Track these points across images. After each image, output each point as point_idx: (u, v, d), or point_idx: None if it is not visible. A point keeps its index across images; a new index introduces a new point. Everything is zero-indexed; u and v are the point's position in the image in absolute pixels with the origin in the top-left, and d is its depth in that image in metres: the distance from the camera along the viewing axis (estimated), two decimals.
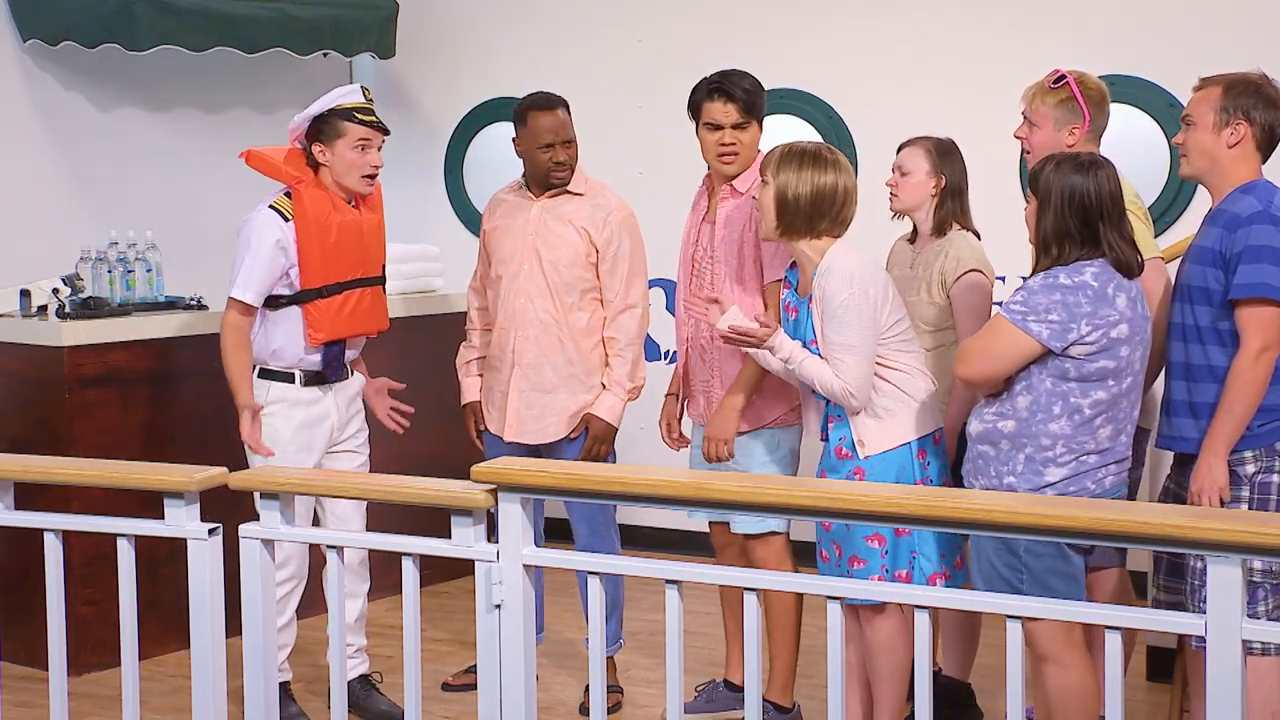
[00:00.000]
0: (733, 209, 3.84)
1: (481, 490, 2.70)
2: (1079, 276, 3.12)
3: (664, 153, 5.53)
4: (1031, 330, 3.10)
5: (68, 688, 3.02)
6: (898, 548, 3.40)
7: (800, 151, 3.44)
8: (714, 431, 3.75)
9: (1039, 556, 3.14)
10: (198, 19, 5.32)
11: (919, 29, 5.42)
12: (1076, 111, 3.57)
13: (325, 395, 4.02)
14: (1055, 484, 3.14)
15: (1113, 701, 2.40)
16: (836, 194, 3.41)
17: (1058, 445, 3.14)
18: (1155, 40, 5.07)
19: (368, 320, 4.06)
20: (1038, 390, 3.14)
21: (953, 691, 3.92)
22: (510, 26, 6.14)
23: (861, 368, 3.36)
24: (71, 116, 5.43)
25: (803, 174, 3.39)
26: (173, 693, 4.23)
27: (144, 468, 3.05)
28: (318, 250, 3.91)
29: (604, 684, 2.74)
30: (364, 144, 3.93)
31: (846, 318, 3.35)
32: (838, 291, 3.36)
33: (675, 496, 2.77)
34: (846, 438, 3.45)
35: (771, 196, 3.42)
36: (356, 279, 4.01)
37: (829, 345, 3.37)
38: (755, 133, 3.83)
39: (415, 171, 6.35)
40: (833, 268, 3.39)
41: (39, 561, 3.00)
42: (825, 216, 3.41)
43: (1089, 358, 3.11)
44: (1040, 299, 3.11)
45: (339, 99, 3.95)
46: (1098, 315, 3.10)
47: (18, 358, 4.53)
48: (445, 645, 4.69)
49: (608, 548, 4.11)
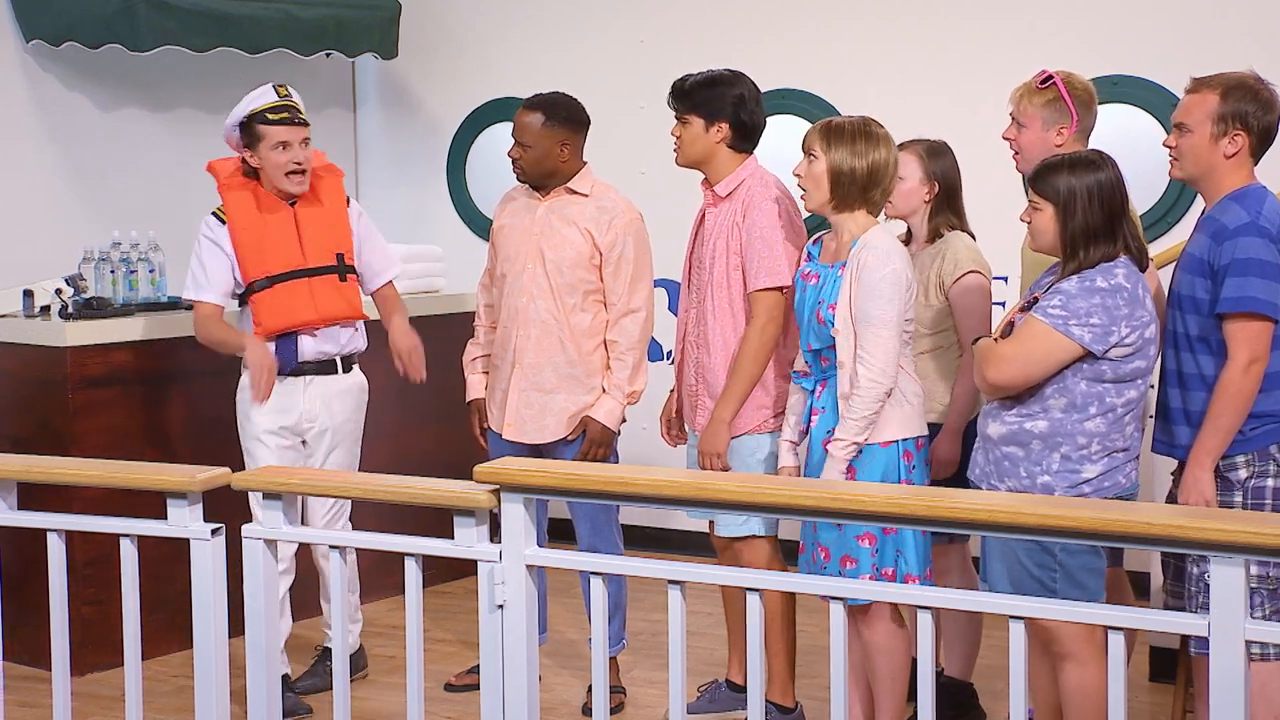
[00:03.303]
0: (717, 215, 3.86)
1: (484, 491, 2.70)
2: (1113, 279, 3.11)
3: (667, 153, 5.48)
4: (1073, 334, 3.09)
5: (70, 688, 3.02)
6: (885, 546, 3.41)
7: (852, 129, 3.44)
8: (705, 446, 3.78)
9: (1075, 554, 3.14)
10: (200, 19, 5.32)
11: (919, 29, 5.42)
12: (1064, 111, 3.57)
13: (296, 387, 4.11)
14: (1091, 480, 3.14)
15: (1115, 702, 2.40)
16: (889, 167, 3.45)
17: (1093, 444, 3.14)
18: (1156, 40, 5.06)
19: (316, 309, 4.10)
20: (1072, 392, 3.13)
21: (955, 692, 3.91)
22: (513, 27, 6.14)
23: (890, 344, 3.37)
24: (74, 116, 5.43)
25: (856, 148, 3.41)
26: (175, 693, 4.23)
27: (147, 468, 3.06)
28: (249, 246, 4.07)
29: (607, 684, 2.74)
30: (282, 144, 4.03)
31: (884, 289, 3.36)
32: (880, 265, 3.37)
33: (677, 497, 2.77)
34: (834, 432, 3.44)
35: (824, 171, 3.43)
36: (295, 270, 4.08)
37: (861, 319, 3.37)
38: (694, 129, 3.83)
39: (418, 171, 6.35)
40: (875, 243, 3.41)
41: (41, 561, 3.00)
42: (878, 188, 3.45)
43: (1125, 359, 3.12)
44: (1080, 303, 3.09)
45: (251, 104, 4.08)
46: (1134, 317, 3.10)
47: (21, 358, 4.53)
48: (447, 645, 4.69)
49: (610, 548, 4.12)
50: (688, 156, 3.88)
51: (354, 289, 4.17)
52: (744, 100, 3.84)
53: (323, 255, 4.11)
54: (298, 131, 4.05)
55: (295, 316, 4.10)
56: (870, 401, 3.36)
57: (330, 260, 4.12)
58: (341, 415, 4.19)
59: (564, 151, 4.07)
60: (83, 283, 4.65)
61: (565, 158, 4.08)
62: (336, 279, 4.13)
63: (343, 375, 4.19)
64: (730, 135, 3.83)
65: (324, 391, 4.15)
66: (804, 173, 3.48)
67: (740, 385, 3.75)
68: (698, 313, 3.88)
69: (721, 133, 3.82)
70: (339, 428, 4.18)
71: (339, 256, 4.12)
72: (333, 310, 4.12)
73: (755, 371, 3.74)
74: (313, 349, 4.13)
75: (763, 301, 3.74)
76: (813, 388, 3.53)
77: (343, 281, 4.14)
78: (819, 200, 3.47)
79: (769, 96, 3.99)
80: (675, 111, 3.87)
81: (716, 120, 3.82)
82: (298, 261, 4.09)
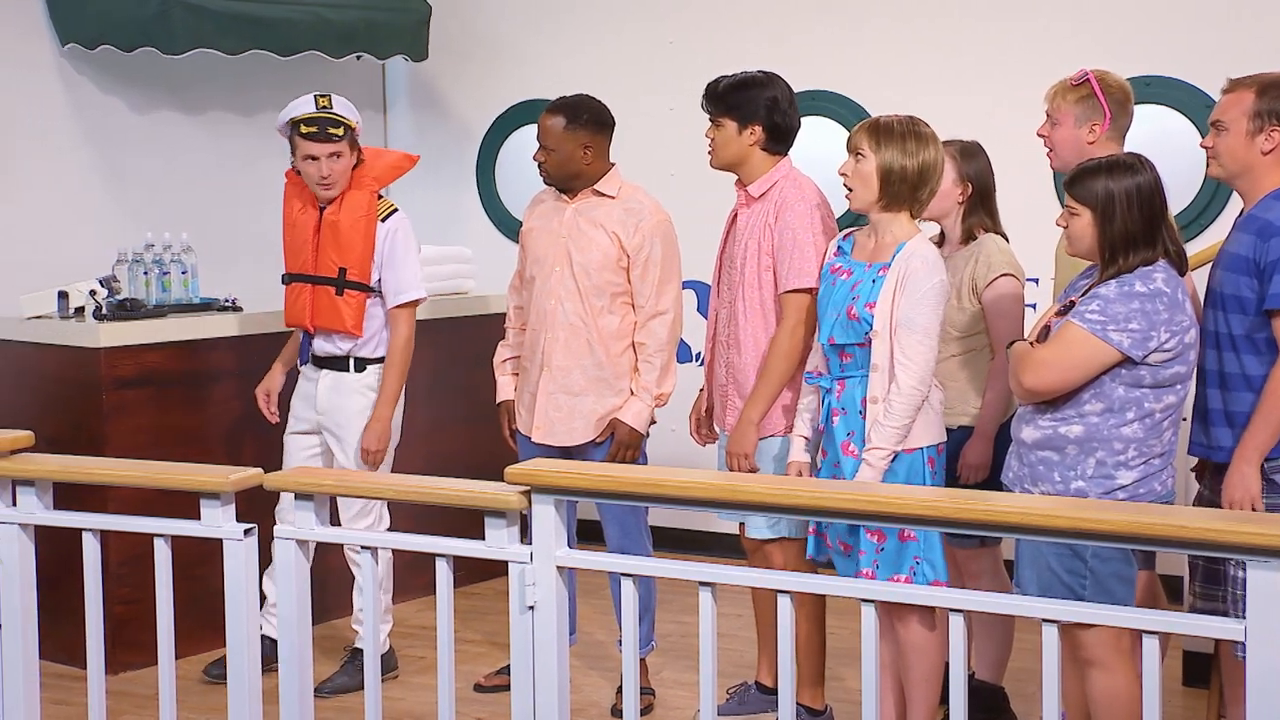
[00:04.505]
0: (749, 215, 3.84)
1: (515, 492, 2.71)
2: (1152, 284, 3.08)
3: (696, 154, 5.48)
4: (1112, 340, 3.07)
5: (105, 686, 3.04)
6: (901, 551, 3.38)
7: (901, 128, 3.41)
8: (734, 447, 3.77)
9: (1106, 560, 3.11)
10: (233, 22, 5.36)
11: (950, 30, 5.40)
12: (1097, 108, 3.55)
13: (315, 376, 4.29)
14: (1127, 486, 3.12)
15: (1150, 707, 2.38)
16: (938, 167, 3.43)
17: (1130, 449, 3.11)
18: (1190, 40, 5.03)
19: (311, 315, 4.23)
20: (1110, 397, 3.11)
21: (986, 695, 3.89)
22: (542, 29, 6.15)
23: (931, 353, 3.36)
24: (108, 119, 5.47)
25: (906, 147, 3.38)
26: (208, 692, 4.25)
27: (181, 468, 3.07)
28: (285, 242, 4.33)
29: (637, 686, 2.73)
30: (310, 157, 4.15)
31: (930, 299, 3.35)
32: (929, 275, 3.36)
33: (708, 499, 2.77)
34: (857, 434, 3.43)
35: (874, 170, 3.40)
36: (304, 274, 4.24)
37: (906, 325, 3.35)
38: (728, 131, 3.81)
39: (448, 173, 6.37)
40: (923, 252, 3.39)
41: (76, 561, 3.02)
42: (926, 187, 3.42)
43: (1164, 364, 3.09)
44: (1119, 308, 3.07)
45: (291, 112, 4.17)
46: (1174, 322, 3.08)
47: (55, 359, 4.57)
48: (476, 646, 4.70)
49: (639, 550, 4.11)
50: (722, 159, 3.87)
51: (352, 304, 4.20)
52: (777, 102, 3.83)
53: (327, 266, 4.21)
54: (325, 147, 4.12)
55: (295, 316, 4.30)
56: (910, 409, 3.34)
57: (332, 272, 4.20)
58: (345, 409, 4.25)
59: (587, 154, 4.07)
60: (116, 284, 4.68)
61: (589, 160, 4.08)
62: (334, 291, 4.20)
63: (354, 374, 4.26)
64: (764, 138, 3.82)
65: (333, 384, 4.27)
66: (851, 172, 3.44)
67: (770, 386, 3.74)
68: (729, 312, 3.88)
69: (755, 135, 3.81)
70: (345, 422, 4.25)
71: (341, 271, 4.18)
72: (323, 321, 4.24)
73: (786, 372, 3.73)
74: (320, 346, 4.29)
75: (793, 303, 3.73)
76: (830, 385, 3.50)
77: (339, 295, 4.19)
78: (867, 200, 3.43)
79: (799, 98, 3.97)
80: (709, 114, 3.86)
81: (750, 123, 3.81)
82: (308, 266, 4.24)
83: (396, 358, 4.22)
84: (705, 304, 4.71)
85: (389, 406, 4.21)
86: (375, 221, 4.21)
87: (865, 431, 3.40)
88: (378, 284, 4.22)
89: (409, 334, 4.24)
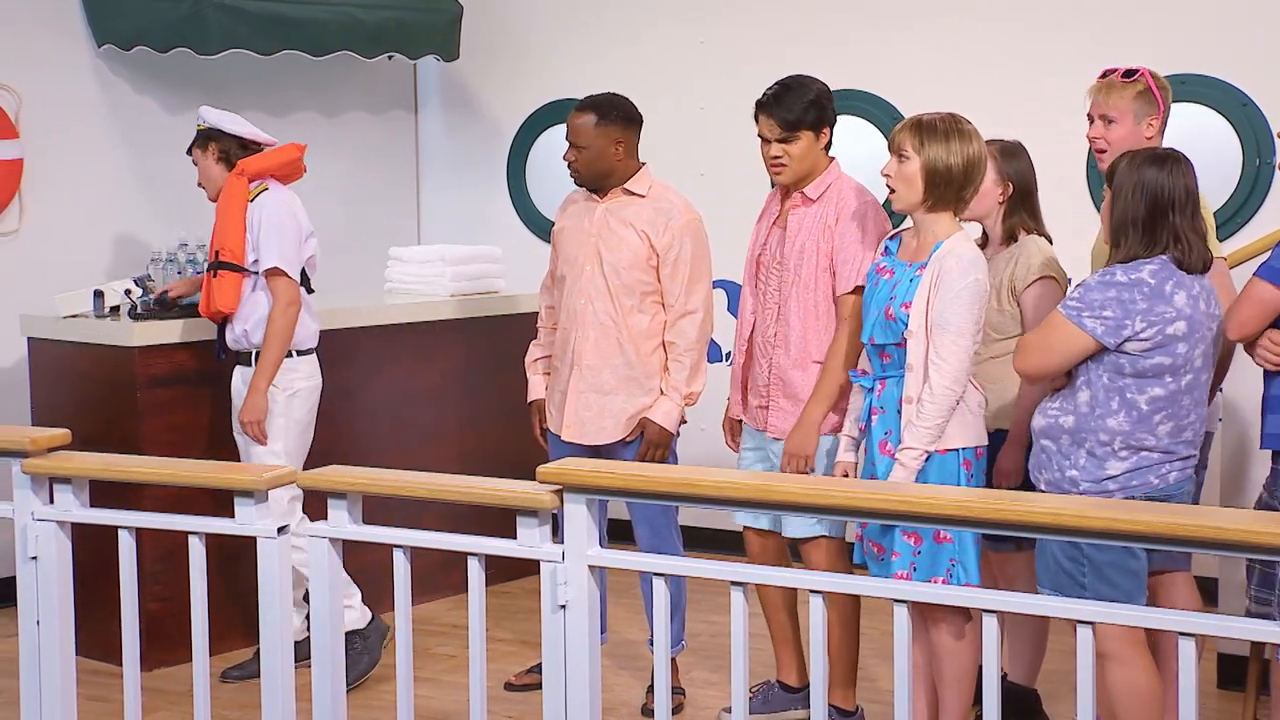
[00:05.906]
0: (804, 217, 3.82)
1: (547, 491, 2.71)
2: (1135, 274, 3.12)
3: (727, 154, 5.51)
4: (1085, 326, 3.11)
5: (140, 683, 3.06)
6: (936, 553, 3.37)
7: (944, 126, 3.37)
8: (794, 448, 3.74)
9: (1103, 550, 3.12)
10: (266, 23, 5.39)
11: (985, 29, 5.37)
12: (1153, 102, 3.54)
13: (234, 373, 4.41)
14: (1117, 477, 3.14)
15: (1187, 709, 2.36)
16: (982, 164, 3.40)
17: (1116, 440, 3.14)
18: (1226, 39, 4.99)
19: (201, 304, 4.35)
20: (1095, 386, 3.15)
21: (1019, 698, 3.87)
22: (573, 29, 6.16)
23: (965, 353, 3.34)
24: (143, 119, 5.51)
25: (950, 145, 3.35)
26: (240, 689, 4.28)
27: (216, 466, 3.10)
28: None
29: (669, 685, 2.74)
30: None
31: (965, 298, 3.33)
32: (964, 274, 3.33)
33: (740, 498, 2.77)
34: (894, 433, 3.41)
35: (919, 170, 3.36)
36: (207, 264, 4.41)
37: (940, 324, 3.33)
38: (805, 143, 3.77)
39: (479, 172, 6.38)
40: (960, 251, 3.37)
41: (111, 559, 3.04)
42: (971, 185, 3.39)
43: (1144, 354, 3.11)
44: (1095, 295, 3.12)
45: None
46: (1153, 312, 3.09)
47: (91, 358, 4.60)
48: (506, 645, 4.71)
49: (670, 549, 4.11)
50: (797, 172, 3.79)
51: (224, 284, 4.28)
52: (829, 97, 3.83)
53: (211, 253, 4.35)
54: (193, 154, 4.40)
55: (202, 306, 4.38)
56: (944, 409, 3.33)
57: (213, 258, 4.34)
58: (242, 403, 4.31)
59: (619, 150, 4.07)
60: (151, 283, 4.72)
61: (620, 156, 4.08)
62: (211, 275, 4.32)
63: (248, 368, 4.32)
64: (829, 138, 3.82)
65: (243, 378, 4.34)
66: (894, 172, 3.40)
67: (831, 386, 3.71)
68: (778, 313, 3.84)
69: (824, 137, 3.81)
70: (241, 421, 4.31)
71: (216, 254, 4.32)
72: (207, 306, 4.34)
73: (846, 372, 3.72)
74: (230, 340, 4.36)
75: (850, 304, 3.72)
76: (871, 385, 3.50)
77: (214, 277, 4.31)
78: (911, 200, 3.40)
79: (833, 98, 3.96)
80: (781, 133, 3.75)
81: (821, 127, 3.79)
82: (210, 258, 4.39)
83: (271, 328, 4.24)
84: (735, 303, 4.71)
85: (265, 377, 4.22)
86: (245, 203, 4.28)
87: (901, 431, 3.39)
88: (254, 265, 4.28)
89: (284, 304, 4.23)
